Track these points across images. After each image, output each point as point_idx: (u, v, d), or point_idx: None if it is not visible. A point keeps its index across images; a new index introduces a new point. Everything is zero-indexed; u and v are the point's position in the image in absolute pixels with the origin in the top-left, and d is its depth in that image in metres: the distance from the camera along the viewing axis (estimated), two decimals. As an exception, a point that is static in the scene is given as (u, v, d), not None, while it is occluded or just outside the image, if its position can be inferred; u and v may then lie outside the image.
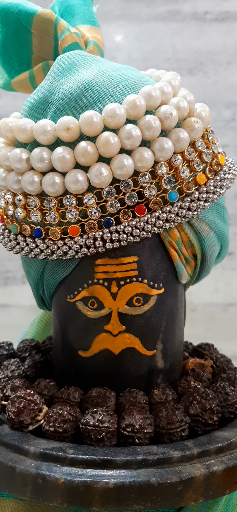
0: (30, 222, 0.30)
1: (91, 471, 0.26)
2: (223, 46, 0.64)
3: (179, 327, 0.34)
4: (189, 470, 0.26)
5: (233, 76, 0.65)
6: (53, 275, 0.32)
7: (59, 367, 0.34)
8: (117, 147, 0.28)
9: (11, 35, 0.34)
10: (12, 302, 0.68)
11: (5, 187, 0.31)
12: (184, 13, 0.64)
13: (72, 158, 0.28)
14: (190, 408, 0.29)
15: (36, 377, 0.35)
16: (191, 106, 0.31)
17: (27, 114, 0.31)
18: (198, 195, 0.30)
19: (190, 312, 0.66)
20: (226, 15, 0.64)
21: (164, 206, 0.29)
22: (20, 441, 0.28)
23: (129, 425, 0.28)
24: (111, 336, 0.31)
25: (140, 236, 0.29)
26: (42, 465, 0.26)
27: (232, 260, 0.66)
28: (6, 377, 0.34)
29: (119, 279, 0.30)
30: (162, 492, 0.25)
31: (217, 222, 0.33)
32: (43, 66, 0.34)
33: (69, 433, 0.28)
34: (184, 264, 0.32)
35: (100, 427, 0.28)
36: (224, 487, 0.26)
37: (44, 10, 0.33)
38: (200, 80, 0.65)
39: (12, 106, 0.62)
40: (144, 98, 0.29)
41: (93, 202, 0.29)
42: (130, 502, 0.25)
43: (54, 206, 0.29)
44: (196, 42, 0.64)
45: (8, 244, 0.31)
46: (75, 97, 0.29)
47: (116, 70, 0.31)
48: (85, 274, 0.31)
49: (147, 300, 0.31)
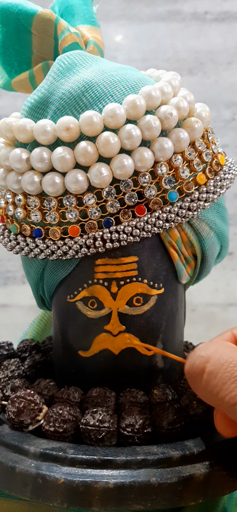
0: (30, 222, 0.30)
1: (91, 471, 0.26)
2: (223, 46, 0.64)
3: (179, 327, 0.34)
4: (189, 470, 0.26)
5: (233, 76, 0.65)
6: (53, 275, 0.32)
7: (59, 367, 0.35)
8: (117, 147, 0.28)
9: (11, 35, 0.34)
10: (12, 302, 0.68)
11: (5, 187, 0.31)
12: (184, 13, 0.64)
13: (72, 158, 0.28)
14: (190, 408, 0.30)
15: (36, 377, 0.35)
16: (191, 106, 0.31)
17: (27, 114, 0.31)
18: (198, 195, 0.30)
19: (190, 312, 0.66)
20: (226, 15, 0.64)
21: (164, 206, 0.29)
22: (20, 441, 0.28)
23: (129, 425, 0.28)
24: (111, 336, 0.31)
25: (140, 236, 0.29)
26: (42, 465, 0.26)
27: (232, 260, 0.66)
28: (6, 377, 0.34)
29: (119, 279, 0.30)
30: (162, 492, 0.25)
31: (217, 222, 0.33)
32: (43, 66, 0.34)
33: (69, 433, 0.28)
34: (184, 264, 0.32)
35: (100, 427, 0.28)
36: (224, 487, 0.26)
37: (44, 10, 0.33)
38: (200, 80, 0.65)
39: (12, 106, 0.62)
40: (144, 98, 0.29)
41: (93, 202, 0.29)
42: (130, 502, 0.25)
43: (54, 206, 0.29)
44: (196, 42, 0.64)
45: (8, 244, 0.31)
46: (75, 97, 0.29)
47: (116, 70, 0.31)
48: (85, 274, 0.31)
49: (147, 300, 0.31)
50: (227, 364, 0.24)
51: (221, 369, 0.24)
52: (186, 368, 0.26)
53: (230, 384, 0.23)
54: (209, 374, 0.24)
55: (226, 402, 0.24)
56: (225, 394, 0.24)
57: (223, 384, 0.24)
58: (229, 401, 0.23)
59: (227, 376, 0.24)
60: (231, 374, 0.24)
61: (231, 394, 0.23)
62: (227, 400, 0.23)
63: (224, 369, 0.24)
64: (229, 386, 0.23)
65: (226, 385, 0.24)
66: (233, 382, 0.23)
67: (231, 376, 0.24)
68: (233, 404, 0.23)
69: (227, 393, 0.23)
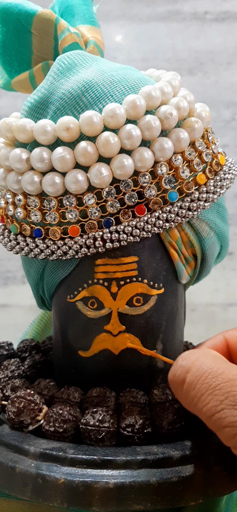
0: (30, 222, 0.30)
1: (91, 471, 0.26)
2: (223, 46, 0.64)
3: (179, 327, 0.34)
4: (189, 470, 0.26)
5: (233, 76, 0.65)
6: (53, 275, 0.32)
7: (59, 367, 0.35)
8: (117, 147, 0.28)
9: (11, 35, 0.34)
10: (12, 302, 0.68)
11: (5, 187, 0.31)
12: (184, 13, 0.64)
13: (72, 158, 0.28)
14: (190, 408, 0.30)
15: (36, 377, 0.35)
16: (191, 106, 0.31)
17: (27, 114, 0.31)
18: (198, 195, 0.30)
19: (190, 312, 0.66)
20: (226, 15, 0.64)
21: (164, 206, 0.29)
22: (20, 441, 0.28)
23: (129, 425, 0.28)
24: (111, 336, 0.31)
25: (140, 236, 0.29)
26: (42, 465, 0.26)
27: (232, 260, 0.66)
28: (6, 377, 0.34)
29: (119, 279, 0.30)
30: (162, 492, 0.25)
31: (217, 222, 0.33)
32: (43, 66, 0.34)
33: (69, 433, 0.28)
34: (184, 264, 0.32)
35: (100, 427, 0.28)
36: (224, 487, 0.26)
37: (44, 10, 0.33)
38: (200, 80, 0.65)
39: (12, 106, 0.62)
40: (144, 98, 0.29)
41: (93, 202, 0.29)
42: (130, 502, 0.25)
43: (54, 206, 0.29)
44: (196, 42, 0.64)
45: (8, 244, 0.31)
46: (75, 97, 0.29)
47: (116, 70, 0.31)
48: (85, 274, 0.31)
49: (147, 300, 0.31)
50: (206, 376, 0.24)
51: (200, 380, 0.24)
52: (169, 377, 0.26)
53: (207, 396, 0.23)
54: (189, 385, 0.25)
55: (203, 413, 0.24)
56: (202, 405, 0.24)
57: (201, 395, 0.24)
58: (206, 412, 0.23)
59: (205, 388, 0.24)
60: (208, 385, 0.24)
61: (207, 406, 0.23)
62: (204, 412, 0.24)
63: (202, 380, 0.24)
64: (206, 398, 0.23)
65: (203, 397, 0.24)
66: (210, 394, 0.23)
67: (208, 387, 0.24)
68: (209, 416, 0.23)
69: (204, 404, 0.23)
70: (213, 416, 0.23)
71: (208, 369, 0.24)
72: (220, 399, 0.23)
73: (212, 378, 0.24)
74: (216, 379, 0.24)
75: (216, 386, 0.23)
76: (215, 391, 0.23)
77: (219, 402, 0.23)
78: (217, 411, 0.23)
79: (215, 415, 0.23)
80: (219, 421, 0.23)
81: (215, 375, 0.24)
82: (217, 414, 0.23)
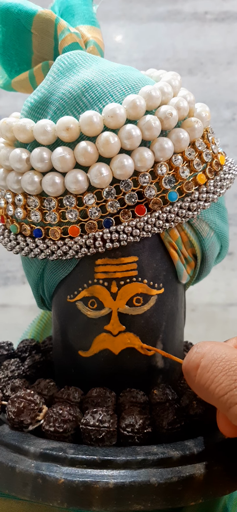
0: (30, 222, 0.30)
1: (91, 471, 0.26)
2: (223, 46, 0.64)
3: (179, 327, 0.34)
4: (189, 470, 0.26)
5: (233, 76, 0.65)
6: (53, 275, 0.32)
7: (59, 367, 0.35)
8: (117, 147, 0.28)
9: (11, 35, 0.34)
10: (12, 302, 0.68)
11: (5, 187, 0.31)
12: (184, 13, 0.64)
13: (72, 158, 0.28)
14: (190, 408, 0.30)
15: (36, 377, 0.35)
16: (191, 106, 0.31)
17: (27, 114, 0.31)
18: (198, 195, 0.30)
19: (190, 312, 0.66)
20: (226, 15, 0.64)
21: (164, 206, 0.29)
22: (20, 441, 0.28)
23: (129, 425, 0.28)
24: (111, 336, 0.31)
25: (140, 236, 0.29)
26: (42, 465, 0.26)
27: (232, 260, 0.66)
28: (6, 377, 0.34)
29: (119, 279, 0.30)
30: (162, 492, 0.25)
31: (217, 222, 0.33)
32: (43, 66, 0.34)
33: (69, 433, 0.28)
34: (184, 264, 0.32)
35: (100, 427, 0.28)
36: (224, 487, 0.26)
37: (44, 10, 0.33)
38: (200, 80, 0.65)
39: (12, 106, 0.62)
40: (144, 98, 0.29)
41: (93, 202, 0.29)
42: (130, 502, 0.25)
43: (54, 206, 0.29)
44: (196, 42, 0.64)
45: (8, 244, 0.31)
46: (75, 97, 0.29)
47: (116, 70, 0.31)
48: (85, 274, 0.31)
49: (147, 300, 0.31)
50: (220, 359, 0.25)
51: (214, 363, 0.25)
52: (183, 364, 0.27)
53: (221, 377, 0.24)
54: (203, 368, 0.25)
55: (216, 394, 0.24)
56: (215, 386, 0.24)
57: (214, 377, 0.25)
58: (219, 392, 0.24)
59: (219, 370, 0.25)
60: (222, 367, 0.24)
61: (221, 386, 0.24)
62: (217, 392, 0.24)
63: (217, 363, 0.25)
64: (219, 379, 0.24)
65: (217, 378, 0.24)
66: (224, 375, 0.24)
67: (222, 369, 0.24)
68: (222, 395, 0.24)
69: (218, 385, 0.24)
70: (226, 394, 0.24)
71: (223, 354, 0.25)
72: (234, 378, 0.24)
73: (226, 362, 0.25)
74: (230, 362, 0.24)
75: (230, 367, 0.24)
76: (229, 371, 0.24)
77: (233, 381, 0.24)
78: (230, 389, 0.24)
79: (228, 393, 0.24)
80: (231, 398, 0.24)
81: (229, 358, 0.25)
82: (230, 392, 0.24)
